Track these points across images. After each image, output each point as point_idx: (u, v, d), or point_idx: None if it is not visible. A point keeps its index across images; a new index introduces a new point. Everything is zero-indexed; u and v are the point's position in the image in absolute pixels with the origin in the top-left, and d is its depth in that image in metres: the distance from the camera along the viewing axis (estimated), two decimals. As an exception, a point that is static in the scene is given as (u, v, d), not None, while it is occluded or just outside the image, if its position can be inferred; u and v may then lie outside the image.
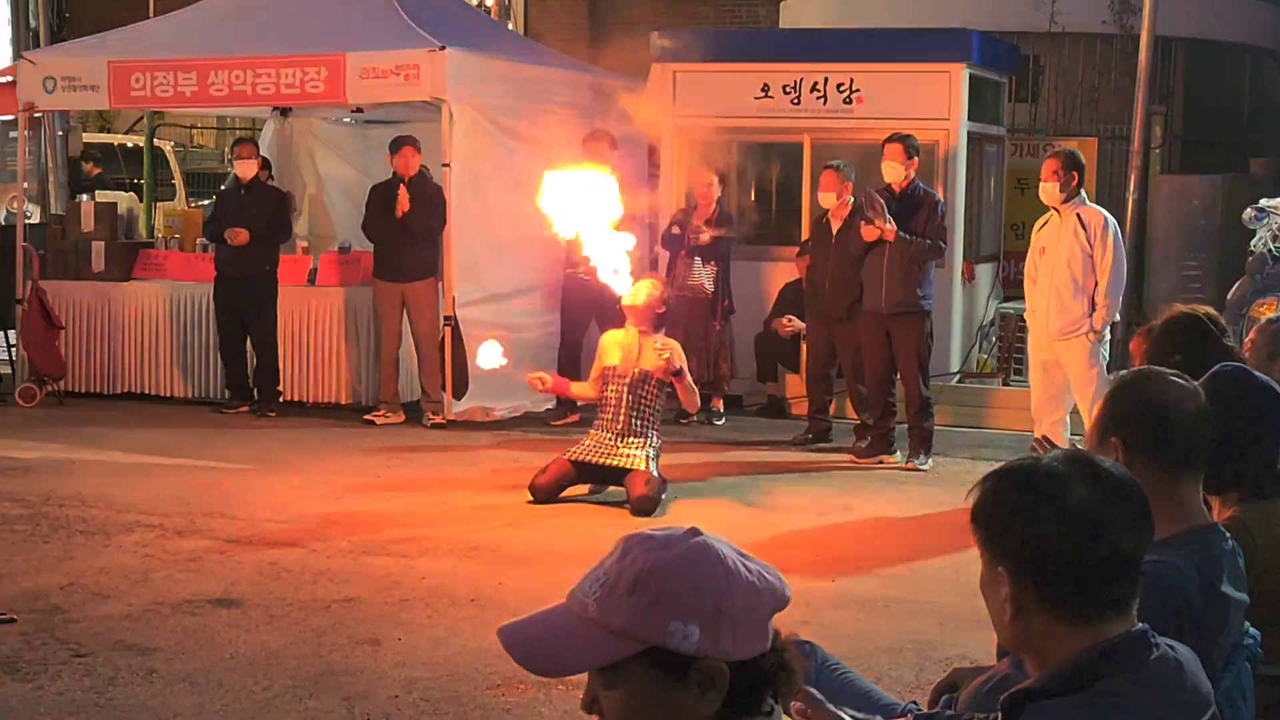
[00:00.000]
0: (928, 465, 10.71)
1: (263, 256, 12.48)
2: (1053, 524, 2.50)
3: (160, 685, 6.10)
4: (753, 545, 8.01)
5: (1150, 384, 3.46)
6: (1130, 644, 2.54)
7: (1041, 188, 9.87)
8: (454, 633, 6.84)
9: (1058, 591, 2.51)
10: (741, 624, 2.11)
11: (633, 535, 2.18)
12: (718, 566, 2.14)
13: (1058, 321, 9.74)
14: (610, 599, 2.11)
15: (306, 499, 9.50)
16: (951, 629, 7.00)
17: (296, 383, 12.90)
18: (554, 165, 8.87)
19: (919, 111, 12.74)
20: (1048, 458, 2.62)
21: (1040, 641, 2.55)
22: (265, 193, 12.80)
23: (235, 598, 7.35)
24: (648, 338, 9.51)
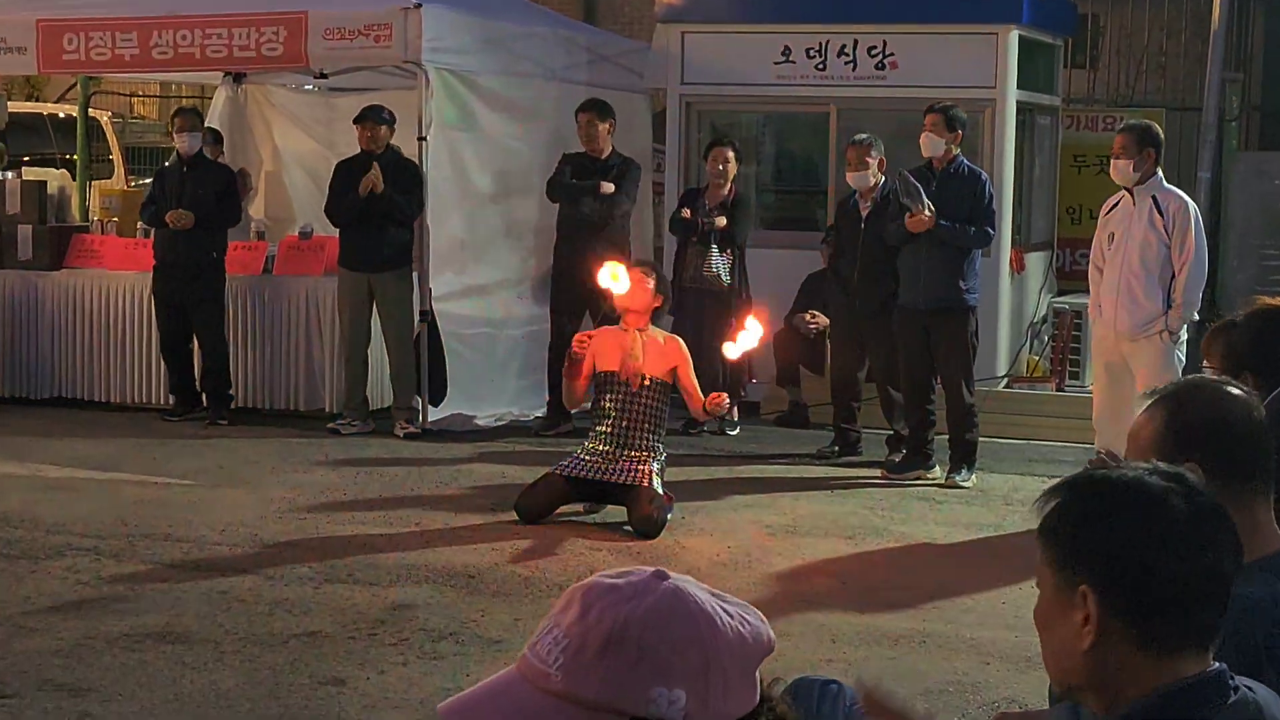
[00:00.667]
0: (970, 481, 10.71)
1: (207, 243, 12.47)
2: (1154, 538, 2.49)
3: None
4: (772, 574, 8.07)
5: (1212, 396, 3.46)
6: (1210, 684, 2.54)
7: (1113, 165, 9.84)
8: (430, 671, 6.84)
9: (1151, 615, 2.51)
10: (731, 680, 2.04)
11: (591, 586, 2.07)
12: (698, 616, 2.05)
13: (1127, 319, 9.71)
14: (577, 666, 2.01)
15: (262, 519, 9.50)
16: (997, 669, 7.00)
17: (251, 387, 12.91)
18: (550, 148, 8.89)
19: (962, 79, 12.74)
20: (1130, 468, 2.62)
21: (1114, 676, 2.54)
22: (211, 170, 12.80)
23: (180, 631, 7.34)
24: (647, 335, 9.51)
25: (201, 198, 12.44)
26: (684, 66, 13.59)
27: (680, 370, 9.55)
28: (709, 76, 13.53)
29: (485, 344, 12.76)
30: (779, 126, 14.08)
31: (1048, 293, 14.18)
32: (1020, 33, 12.97)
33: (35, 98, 23.83)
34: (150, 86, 24.81)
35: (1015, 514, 9.96)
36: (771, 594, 8.12)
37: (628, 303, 9.51)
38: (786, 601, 7.98)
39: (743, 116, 14.01)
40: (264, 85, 15.22)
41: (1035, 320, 13.84)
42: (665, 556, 8.77)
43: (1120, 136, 9.83)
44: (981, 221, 10.69)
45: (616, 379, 9.51)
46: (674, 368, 9.53)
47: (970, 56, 12.84)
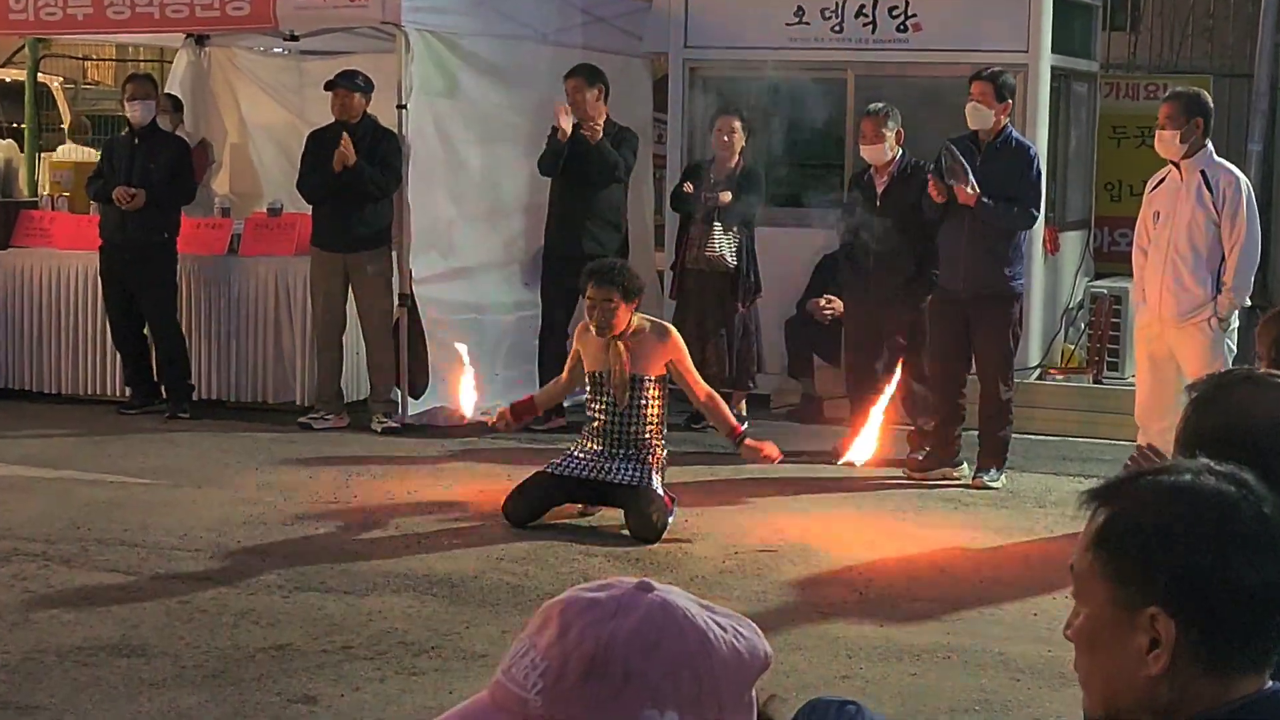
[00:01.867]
0: (999, 482, 10.70)
1: (158, 222, 12.46)
2: (1234, 554, 2.46)
3: (44, 752, 6.11)
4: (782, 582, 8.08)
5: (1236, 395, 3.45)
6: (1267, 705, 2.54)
7: (1158, 137, 9.82)
8: (409, 688, 6.84)
9: (1228, 638, 2.49)
10: (726, 701, 2.02)
11: (569, 602, 2.05)
12: (688, 632, 2.02)
13: (1173, 304, 9.71)
14: (559, 692, 1.98)
15: (227, 522, 9.50)
16: (1028, 685, 7.01)
17: (214, 378, 12.92)
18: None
19: (991, 42, 12.73)
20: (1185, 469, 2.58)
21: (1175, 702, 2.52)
22: (164, 142, 12.79)
23: (138, 644, 7.35)
24: (629, 336, 9.40)
25: (153, 172, 12.43)
26: (687, 28, 13.58)
27: (676, 362, 9.48)
28: (715, 39, 13.52)
29: (470, 330, 12.75)
30: (791, 94, 14.02)
31: (1084, 276, 14.17)
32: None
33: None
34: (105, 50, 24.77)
35: (1048, 517, 9.97)
36: (782, 605, 8.13)
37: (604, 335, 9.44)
38: (799, 613, 7.99)
39: (751, 84, 13.96)
40: (229, 49, 15.20)
41: (1071, 306, 13.84)
42: (666, 563, 8.78)
43: (1165, 105, 9.82)
44: (1026, 200, 10.63)
45: (602, 380, 9.49)
46: (669, 360, 9.47)
47: (1000, 17, 12.82)
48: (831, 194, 12.97)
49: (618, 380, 9.39)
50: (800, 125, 14.05)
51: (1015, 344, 10.86)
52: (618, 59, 13.70)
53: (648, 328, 9.48)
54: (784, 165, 13.88)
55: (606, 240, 12.28)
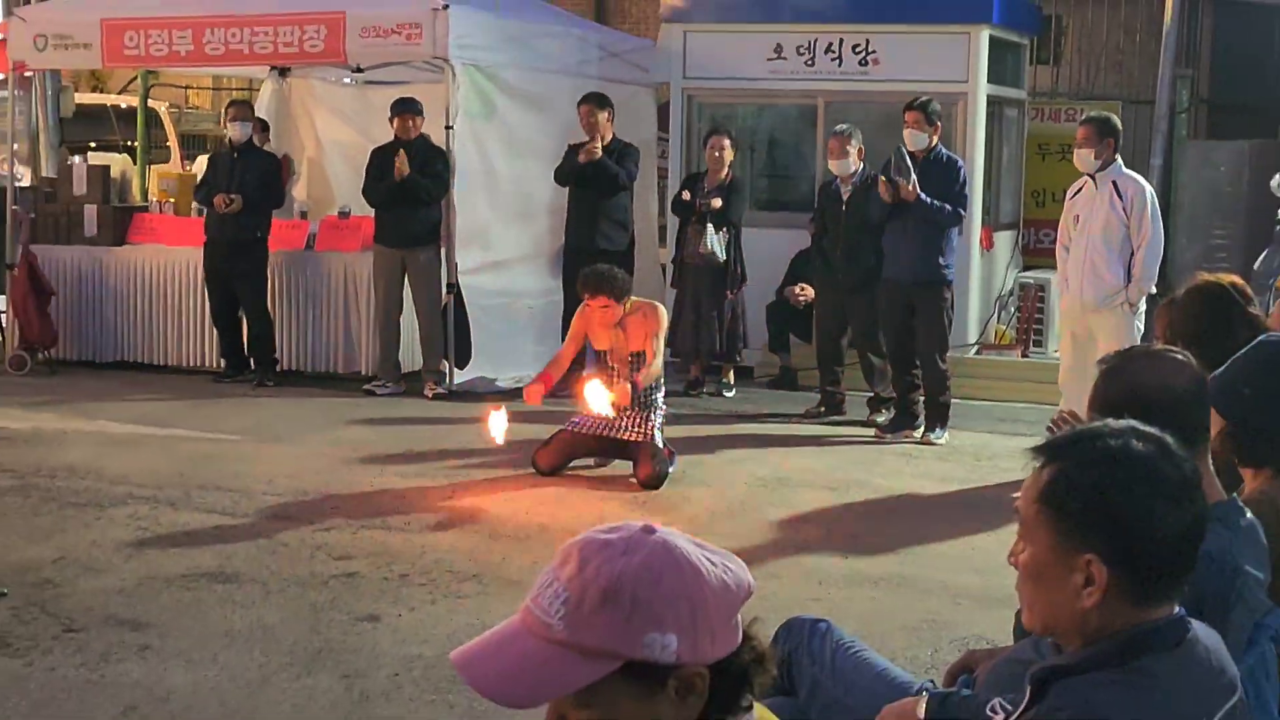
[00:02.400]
0: (944, 439, 10.70)
1: (253, 222, 12.47)
2: (1159, 509, 2.47)
3: (154, 662, 6.12)
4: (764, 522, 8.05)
5: (1136, 366, 3.44)
6: (1171, 627, 2.54)
7: (1076, 155, 9.79)
8: (456, 609, 6.85)
9: (1152, 579, 2.50)
10: (717, 624, 2.05)
11: (586, 542, 2.07)
12: (686, 567, 2.04)
13: (1091, 292, 9.68)
14: (578, 617, 2.01)
15: (304, 471, 9.51)
16: (967, 609, 7.01)
17: (294, 352, 12.91)
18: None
19: (938, 74, 12.70)
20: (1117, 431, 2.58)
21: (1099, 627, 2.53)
22: (259, 156, 12.79)
23: (231, 572, 7.36)
24: (625, 321, 9.37)
25: (249, 181, 12.44)
26: (686, 62, 13.55)
27: (650, 335, 9.35)
28: (709, 71, 13.49)
29: (505, 313, 12.74)
30: (771, 117, 14.03)
31: (1014, 268, 14.15)
32: (990, 32, 12.93)
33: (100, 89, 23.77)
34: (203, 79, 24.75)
35: (984, 469, 9.96)
36: (764, 540, 8.12)
37: (613, 328, 9.39)
38: (777, 547, 7.99)
39: (739, 108, 13.96)
40: (306, 79, 15.17)
41: (1003, 293, 13.82)
42: (668, 506, 8.77)
43: (1082, 128, 9.79)
44: (955, 202, 10.67)
45: (608, 359, 9.49)
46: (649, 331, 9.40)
47: (945, 54, 12.80)
48: (805, 200, 12.96)
49: (620, 357, 9.39)
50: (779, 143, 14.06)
51: (949, 324, 10.84)
52: (627, 88, 13.67)
53: (640, 309, 9.45)
54: (765, 176, 13.89)
55: (615, 237, 12.25)
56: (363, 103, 15.03)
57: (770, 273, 12.69)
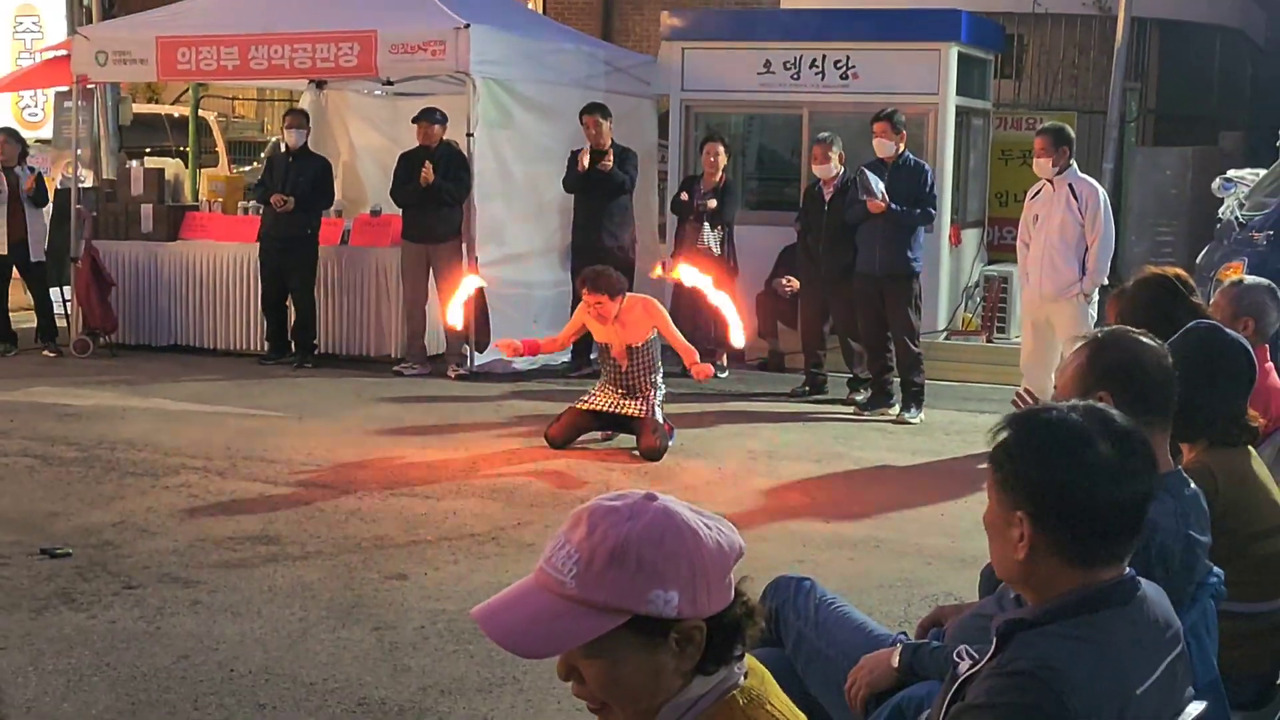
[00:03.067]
0: (918, 418, 10.66)
1: (305, 220, 12.45)
2: (1079, 475, 2.48)
3: (205, 615, 6.12)
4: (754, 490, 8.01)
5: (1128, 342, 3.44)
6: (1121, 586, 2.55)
7: (1035, 163, 9.76)
8: (476, 569, 6.85)
9: (1075, 538, 2.50)
10: (713, 582, 2.06)
11: (594, 508, 2.08)
12: (685, 530, 2.05)
13: (1050, 284, 9.66)
14: (588, 575, 2.02)
15: (339, 444, 9.50)
16: (937, 568, 7.00)
17: (331, 337, 12.90)
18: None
19: (911, 86, 12.66)
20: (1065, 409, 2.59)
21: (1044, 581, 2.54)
22: (312, 161, 12.75)
23: (273, 535, 7.36)
24: (621, 315, 9.30)
25: (301, 184, 12.41)
26: (684, 76, 13.50)
27: (658, 325, 9.39)
28: (705, 85, 13.45)
29: (521, 302, 12.72)
30: (761, 126, 13.99)
31: (980, 262, 14.12)
32: (959, 49, 12.88)
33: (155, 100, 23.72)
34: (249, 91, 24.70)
35: (953, 442, 9.95)
36: (753, 507, 8.12)
37: (608, 323, 9.33)
38: (765, 513, 7.99)
39: (732, 117, 13.93)
40: (341, 91, 15.14)
41: (969, 285, 13.80)
42: (668, 475, 8.77)
43: (1040, 139, 9.74)
44: (925, 204, 10.65)
45: (608, 349, 9.48)
46: (653, 325, 9.41)
47: (918, 69, 12.75)
48: (791, 201, 12.93)
49: (618, 350, 9.38)
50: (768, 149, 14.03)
51: (918, 311, 10.81)
52: (631, 99, 13.64)
53: (636, 305, 9.41)
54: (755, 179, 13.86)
55: (619, 234, 12.23)
56: (392, 112, 14.99)
57: (760, 266, 12.67)
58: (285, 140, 12.83)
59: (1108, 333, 3.52)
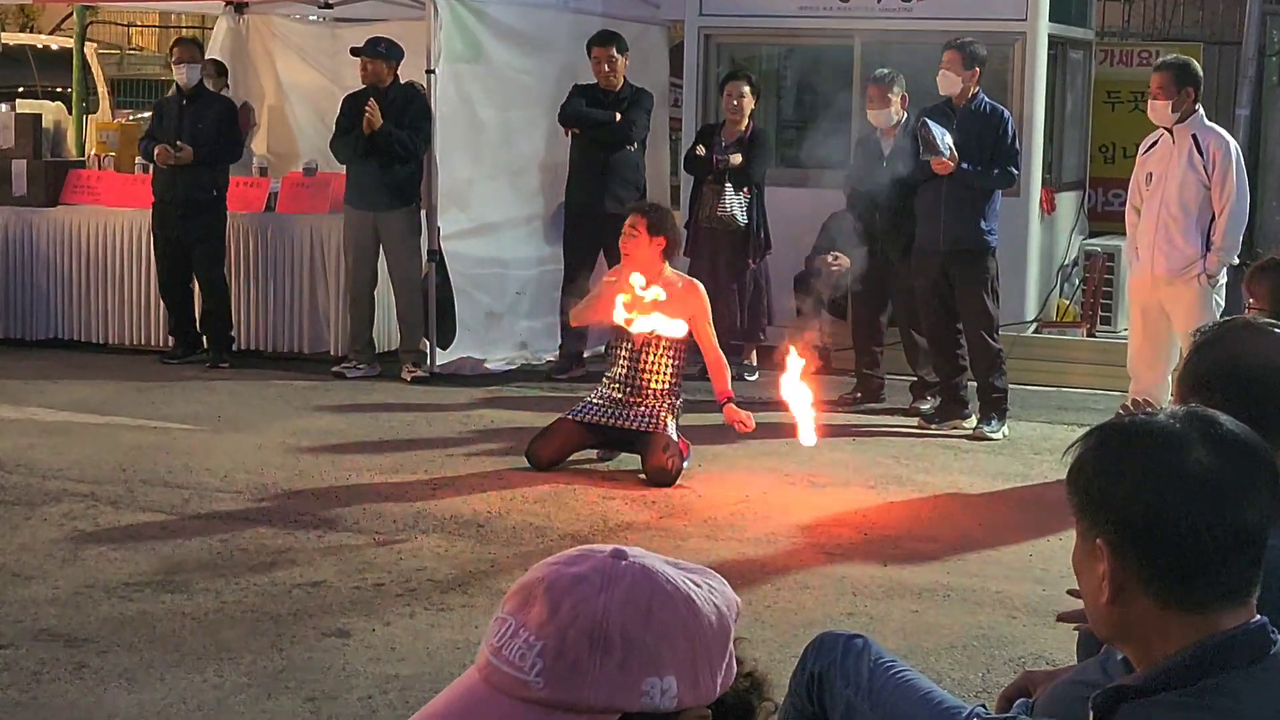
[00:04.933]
0: (999, 433, 10.66)
1: (207, 179, 12.45)
2: (1166, 490, 2.47)
3: (93, 682, 6.13)
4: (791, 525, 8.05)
5: (1236, 338, 3.44)
6: (1249, 638, 2.52)
7: (1150, 106, 9.77)
8: (438, 624, 6.85)
9: (1167, 570, 2.49)
10: (715, 657, 1.98)
11: (551, 578, 1.97)
12: (675, 596, 1.96)
13: (1164, 261, 9.66)
14: (560, 670, 1.90)
15: (264, 465, 9.51)
16: (1024, 623, 7.01)
17: (253, 329, 12.93)
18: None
19: (991, 10, 12.67)
20: (1162, 413, 2.60)
21: (1143, 630, 2.53)
22: (211, 103, 12.76)
23: (180, 581, 7.36)
24: (663, 280, 9.36)
25: (200, 132, 12.41)
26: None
27: (696, 324, 9.45)
28: (728, 8, 13.45)
29: (493, 284, 12.73)
30: (801, 60, 13.99)
31: (1079, 234, 14.13)
32: (1053, -38, 12.89)
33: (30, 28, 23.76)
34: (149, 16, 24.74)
35: (1044, 463, 9.96)
36: (791, 546, 8.13)
37: (627, 263, 9.43)
38: (807, 553, 7.99)
39: (763, 49, 13.93)
40: (266, 15, 15.16)
41: (1066, 263, 13.80)
42: (681, 506, 8.78)
43: (1157, 75, 9.75)
44: (1004, 161, 10.63)
45: (629, 336, 9.48)
46: (691, 315, 9.44)
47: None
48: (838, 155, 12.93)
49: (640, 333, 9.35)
50: (809, 89, 14.02)
51: (996, 298, 10.81)
52: (636, 26, 13.65)
53: (679, 282, 9.47)
54: (793, 128, 13.86)
55: (626, 198, 12.21)
56: (331, 42, 15.03)
57: (798, 239, 12.67)
58: (176, 79, 12.84)
59: (1214, 327, 3.52)
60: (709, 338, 9.56)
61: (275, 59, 15.30)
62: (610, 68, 12.20)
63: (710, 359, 9.60)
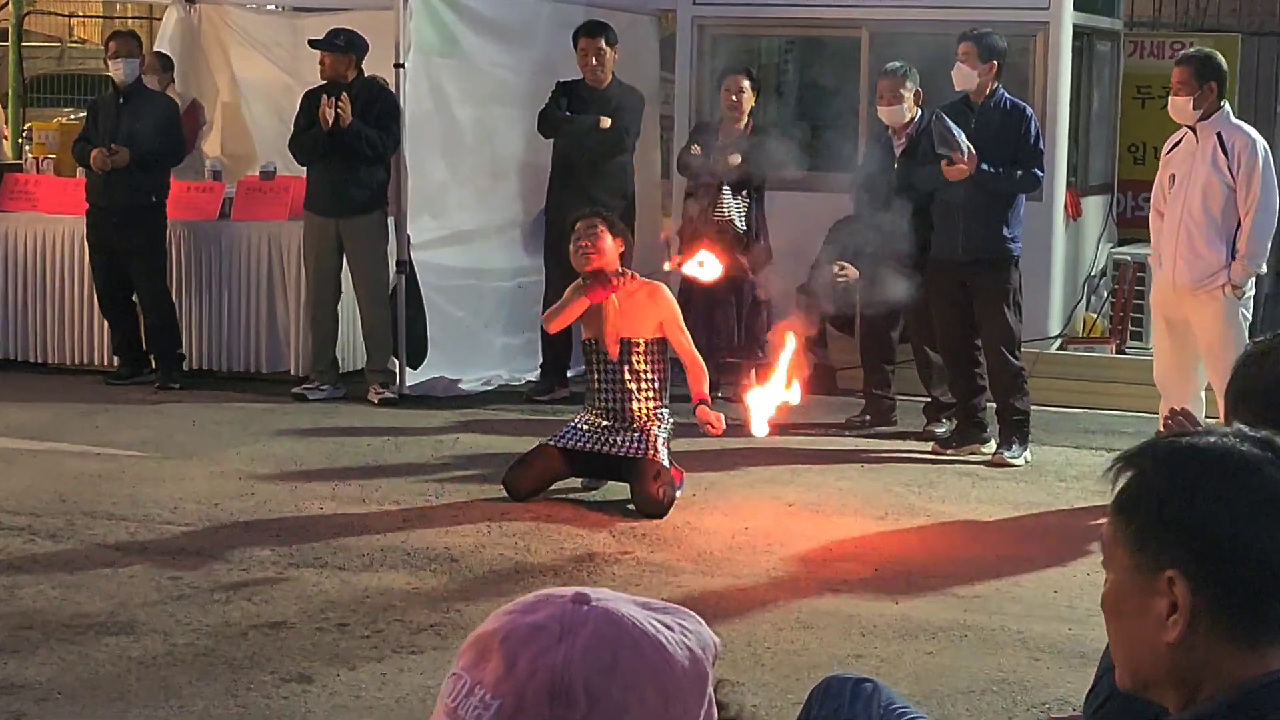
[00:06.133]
0: (1021, 459, 10.65)
1: (145, 184, 12.42)
2: (1251, 513, 2.45)
3: (30, 733, 6.12)
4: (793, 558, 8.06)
5: None
6: None
7: (1171, 102, 9.79)
8: (407, 668, 6.85)
9: (1245, 603, 2.48)
10: (690, 705, 1.97)
11: (506, 630, 1.97)
12: (643, 641, 1.95)
13: (1187, 270, 9.66)
14: None
15: (218, 495, 9.50)
16: (1048, 666, 7.01)
17: (205, 347, 12.91)
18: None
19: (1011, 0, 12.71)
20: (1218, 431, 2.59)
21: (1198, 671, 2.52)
22: (150, 101, 12.74)
23: (126, 621, 7.35)
24: (623, 290, 9.39)
25: (139, 133, 12.38)
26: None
27: (667, 328, 9.48)
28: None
29: (468, 297, 12.73)
30: (804, 53, 14.02)
31: (1107, 242, 14.15)
32: (1077, -53, 12.93)
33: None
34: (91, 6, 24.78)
35: (1069, 492, 9.96)
36: (793, 581, 8.12)
37: (596, 265, 9.42)
38: (811, 589, 7.99)
39: (763, 41, 13.96)
40: (220, 5, 15.17)
41: (1093, 273, 13.83)
42: (673, 539, 8.77)
43: (1178, 70, 9.76)
44: (1028, 163, 10.63)
45: (597, 346, 9.49)
46: (661, 320, 9.47)
47: (1021, -27, 12.80)
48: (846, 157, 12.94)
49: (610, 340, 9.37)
50: (813, 86, 14.04)
51: (1019, 312, 10.80)
52: (624, 16, 13.65)
53: (641, 289, 9.46)
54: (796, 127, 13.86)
55: (613, 206, 12.20)
56: (291, 35, 15.01)
57: (802, 247, 12.67)
58: (112, 75, 12.83)
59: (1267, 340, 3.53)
60: (682, 342, 9.54)
61: (230, 52, 15.29)
62: (598, 61, 12.19)
63: (687, 363, 9.59)
